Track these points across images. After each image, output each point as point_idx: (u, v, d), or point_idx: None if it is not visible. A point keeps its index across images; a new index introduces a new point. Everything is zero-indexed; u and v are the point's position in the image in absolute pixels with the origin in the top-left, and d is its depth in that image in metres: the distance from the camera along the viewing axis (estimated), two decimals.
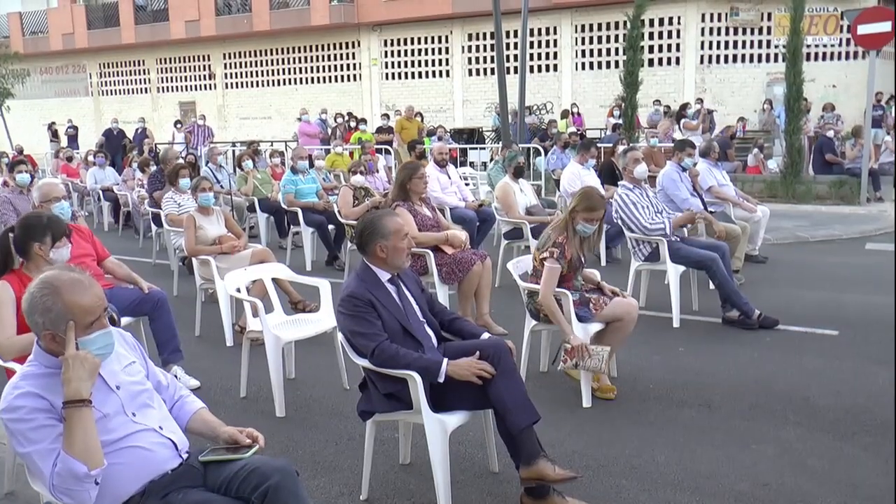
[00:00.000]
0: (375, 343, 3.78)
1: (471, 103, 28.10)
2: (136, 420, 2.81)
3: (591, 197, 5.26)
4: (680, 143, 8.94)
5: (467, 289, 6.72)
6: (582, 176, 9.96)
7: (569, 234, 5.25)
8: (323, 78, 30.50)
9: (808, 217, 13.23)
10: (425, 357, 3.81)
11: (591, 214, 5.21)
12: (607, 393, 5.18)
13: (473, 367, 3.73)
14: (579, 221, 5.23)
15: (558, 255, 5.17)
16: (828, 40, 24.07)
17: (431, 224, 7.00)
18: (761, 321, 6.80)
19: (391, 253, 3.98)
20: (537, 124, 23.15)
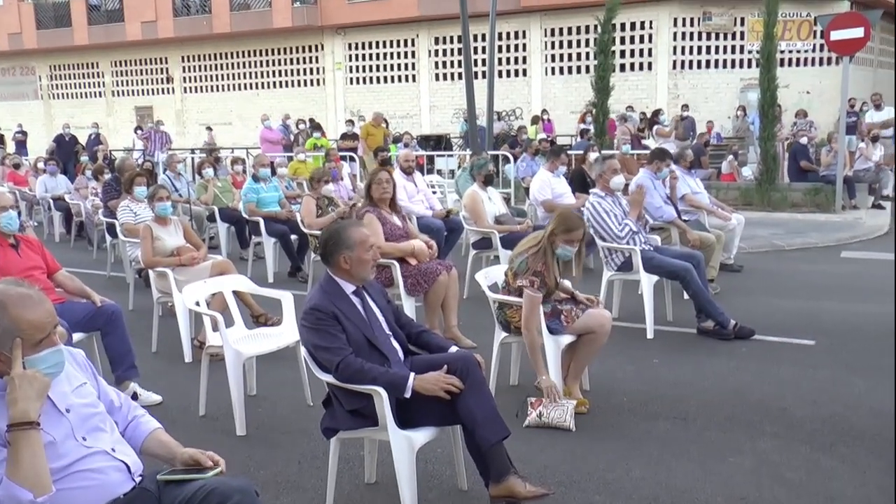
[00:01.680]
0: (340, 357, 3.76)
1: (438, 109, 28.17)
2: (86, 444, 2.73)
3: (569, 218, 5.22)
4: (659, 153, 9.01)
5: (434, 300, 6.72)
6: (552, 184, 10.01)
7: (548, 260, 5.18)
8: (285, 82, 30.41)
9: (783, 225, 13.41)
10: (391, 372, 3.80)
11: (571, 236, 5.16)
12: (580, 407, 5.20)
13: (441, 382, 3.73)
14: (559, 245, 5.18)
15: (539, 286, 5.11)
16: (801, 46, 24.46)
17: (401, 234, 6.99)
18: (737, 331, 6.86)
19: (355, 264, 3.97)
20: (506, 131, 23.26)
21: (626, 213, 7.26)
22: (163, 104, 32.35)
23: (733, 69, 24.97)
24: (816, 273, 9.83)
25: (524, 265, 5.21)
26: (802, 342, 6.77)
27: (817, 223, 13.60)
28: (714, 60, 25.06)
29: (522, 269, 5.21)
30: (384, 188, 7.06)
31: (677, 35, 25.11)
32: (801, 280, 9.44)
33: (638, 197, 7.27)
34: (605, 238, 7.18)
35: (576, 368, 5.36)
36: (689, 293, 7.00)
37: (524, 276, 5.16)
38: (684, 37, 25.11)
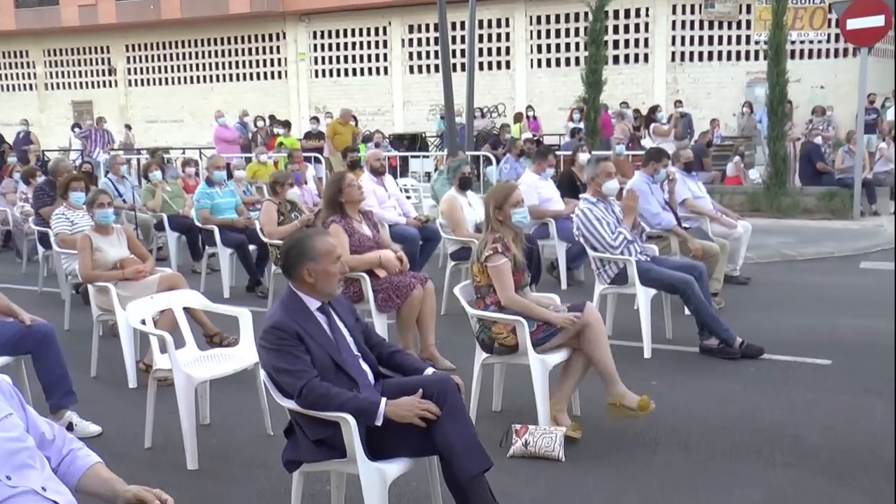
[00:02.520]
0: (303, 381, 3.76)
1: (412, 105, 28.24)
2: (11, 484, 2.67)
3: (497, 188, 5.76)
4: (655, 153, 9.07)
5: (408, 317, 6.72)
6: (538, 188, 10.05)
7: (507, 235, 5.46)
8: (243, 75, 30.38)
9: (795, 233, 13.52)
10: (360, 397, 3.81)
11: (512, 198, 5.51)
12: (573, 432, 5.21)
13: (416, 408, 3.73)
14: (509, 215, 5.47)
15: (502, 248, 5.35)
16: (814, 36, 24.69)
17: (372, 244, 6.99)
18: (744, 350, 6.92)
19: (321, 278, 3.98)
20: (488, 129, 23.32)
21: (619, 221, 7.30)
22: (104, 99, 32.21)
23: (738, 62, 25.20)
24: (832, 286, 9.92)
25: (481, 245, 5.47)
26: (817, 362, 6.82)
27: (833, 231, 13.73)
28: (717, 52, 25.29)
29: (480, 249, 5.45)
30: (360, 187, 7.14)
31: (676, 24, 25.35)
32: (814, 293, 9.52)
33: (631, 203, 7.31)
34: (596, 248, 7.22)
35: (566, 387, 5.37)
36: (690, 308, 7.04)
37: (485, 249, 5.38)
38: (684, 26, 25.34)
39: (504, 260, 5.33)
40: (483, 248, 5.41)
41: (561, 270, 9.94)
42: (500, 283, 5.34)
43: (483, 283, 5.44)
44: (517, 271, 5.43)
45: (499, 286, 5.34)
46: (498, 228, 5.48)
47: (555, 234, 9.86)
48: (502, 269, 5.33)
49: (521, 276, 5.48)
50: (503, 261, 5.33)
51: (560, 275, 9.94)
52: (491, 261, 5.34)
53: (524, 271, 5.52)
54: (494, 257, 5.34)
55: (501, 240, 5.39)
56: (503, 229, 5.48)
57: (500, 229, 5.47)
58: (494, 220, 5.52)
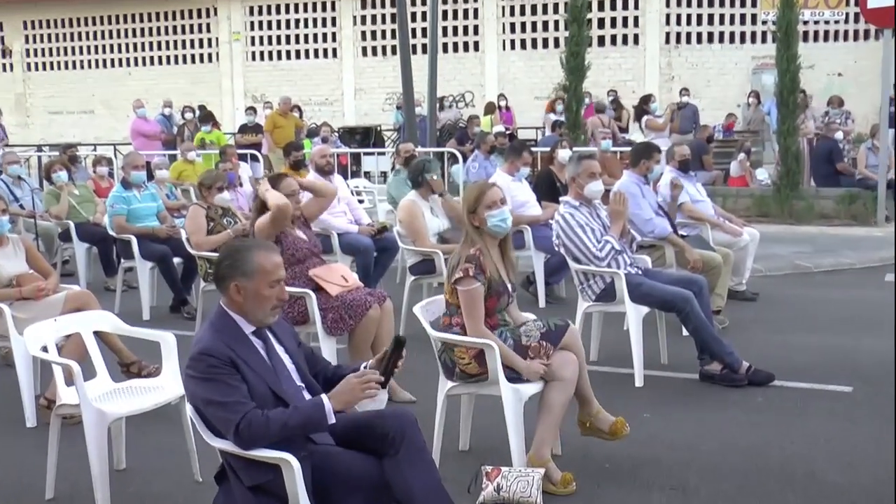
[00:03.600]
0: (239, 415, 3.73)
1: (366, 93, 28.23)
2: None
3: (478, 185, 5.70)
4: (643, 149, 9.13)
5: (361, 341, 6.70)
6: (511, 190, 10.03)
7: (483, 243, 5.40)
8: (166, 58, 30.21)
9: (809, 241, 13.67)
10: (299, 408, 3.83)
11: (489, 198, 5.44)
12: (565, 487, 5.16)
13: (358, 387, 3.82)
14: (485, 218, 5.40)
15: (475, 271, 5.27)
16: (830, 15, 24.98)
17: (309, 249, 7.02)
18: (751, 376, 6.97)
19: (250, 299, 3.95)
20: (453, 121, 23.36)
21: (606, 228, 7.33)
22: None
23: (743, 44, 25.46)
24: (853, 302, 10.03)
25: (454, 260, 5.42)
26: (836, 389, 6.89)
27: (854, 239, 13.88)
28: (718, 33, 25.53)
29: (452, 265, 5.39)
30: (295, 190, 7.15)
31: (671, 1, 25.54)
32: (833, 311, 9.62)
33: (620, 206, 7.31)
34: (579, 259, 7.23)
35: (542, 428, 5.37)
36: (688, 328, 7.09)
37: (457, 269, 5.33)
38: (680, 3, 25.57)
39: (476, 285, 5.27)
40: (455, 267, 5.36)
41: (538, 285, 9.97)
42: (468, 311, 5.29)
43: (452, 301, 5.42)
44: (491, 295, 5.37)
45: (466, 315, 5.30)
46: (476, 238, 5.42)
47: (531, 244, 9.89)
48: (473, 296, 5.28)
49: (497, 300, 5.42)
50: (475, 286, 5.27)
51: (537, 291, 9.97)
52: (461, 284, 5.29)
53: (503, 294, 5.45)
54: (465, 281, 5.27)
55: (476, 259, 5.31)
56: (483, 239, 5.43)
57: (479, 239, 5.42)
58: (470, 226, 5.46)
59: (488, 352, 5.18)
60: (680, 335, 7.64)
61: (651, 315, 7.41)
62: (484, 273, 5.31)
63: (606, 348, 7.72)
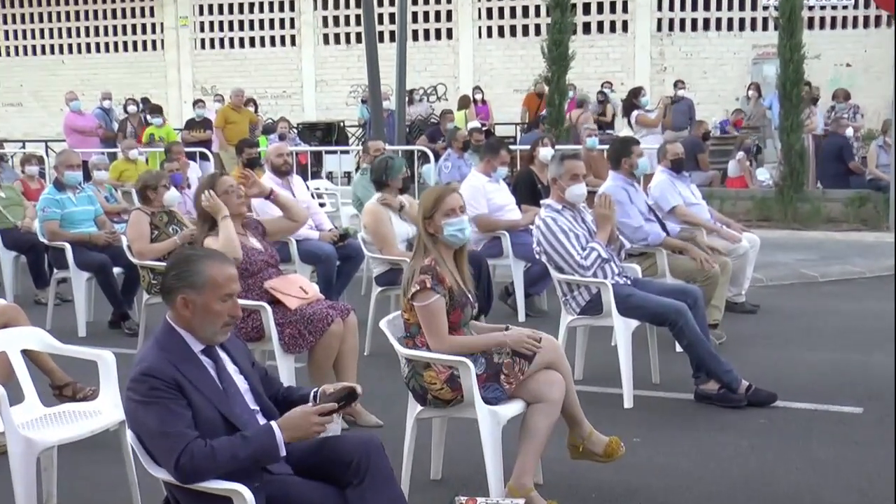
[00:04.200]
0: (181, 446, 3.70)
1: (328, 85, 28.21)
2: None
3: (436, 189, 5.76)
4: (619, 145, 9.14)
5: (323, 359, 6.68)
6: (487, 192, 10.08)
7: (438, 253, 5.40)
8: (105, 45, 30.06)
9: (815, 248, 13.74)
10: (248, 437, 3.80)
11: (447, 204, 5.42)
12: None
13: (310, 419, 3.81)
14: (441, 226, 5.38)
15: (433, 283, 5.27)
16: (838, 1, 25.11)
17: (266, 259, 6.99)
18: (751, 396, 6.98)
19: (199, 314, 3.93)
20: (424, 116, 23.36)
21: (592, 233, 7.35)
22: None
23: (742, 32, 25.57)
24: (863, 314, 10.08)
25: (408, 273, 5.41)
26: (844, 409, 6.92)
27: (863, 245, 13.97)
28: (715, 20, 25.63)
29: (406, 280, 5.39)
30: (240, 196, 7.09)
31: None
32: (840, 324, 9.67)
33: (606, 211, 7.31)
34: (562, 268, 7.24)
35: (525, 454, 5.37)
36: (682, 344, 7.11)
37: (411, 284, 5.32)
38: None
39: (435, 297, 5.25)
40: (410, 281, 5.35)
41: (518, 297, 9.98)
42: (429, 327, 5.28)
43: (412, 320, 5.40)
44: (454, 307, 5.36)
45: (428, 331, 5.29)
46: (430, 248, 5.43)
47: (509, 251, 9.90)
48: (433, 311, 5.26)
49: (460, 313, 5.41)
50: (434, 298, 5.24)
51: (517, 303, 9.98)
52: (418, 299, 5.27)
53: (466, 305, 5.46)
54: (422, 294, 5.25)
55: (432, 269, 5.30)
56: (437, 248, 5.43)
57: (433, 248, 5.42)
58: (424, 234, 5.45)
59: (462, 370, 5.17)
60: (673, 351, 7.67)
61: (641, 329, 7.42)
62: (443, 284, 5.31)
63: (592, 366, 7.74)
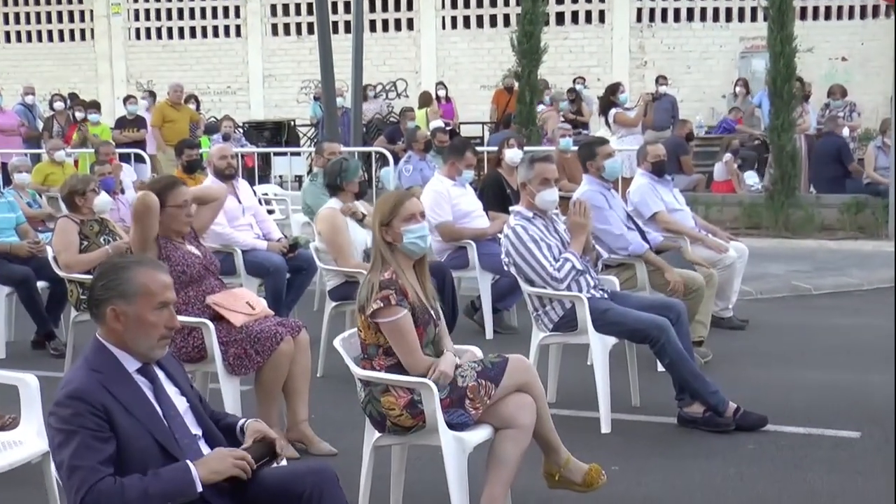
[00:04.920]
0: (89, 483, 3.66)
1: (277, 81, 28.15)
2: None
3: (394, 194, 5.84)
4: (586, 147, 9.16)
5: (271, 381, 6.65)
6: (452, 197, 10.09)
7: (396, 263, 5.40)
8: (27, 34, 29.88)
9: (809, 258, 13.84)
10: (161, 474, 3.77)
11: (407, 209, 5.44)
12: None
13: (229, 460, 3.82)
14: (400, 234, 5.39)
15: (397, 298, 5.26)
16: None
17: (204, 266, 6.96)
18: (740, 419, 7.01)
19: (132, 327, 3.90)
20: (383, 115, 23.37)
21: (566, 243, 7.37)
22: None
23: (729, 24, 25.72)
24: (860, 330, 10.14)
25: (366, 289, 5.37)
26: (841, 434, 6.96)
27: (861, 255, 14.05)
28: (700, 10, 25.77)
29: (364, 296, 5.35)
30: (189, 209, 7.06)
31: None
32: (836, 341, 9.72)
33: (581, 218, 7.33)
34: (533, 281, 7.24)
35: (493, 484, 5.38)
36: (664, 363, 7.11)
37: (371, 301, 5.28)
38: None
39: (402, 313, 5.25)
40: (368, 297, 5.32)
41: (485, 313, 9.99)
42: (401, 346, 5.28)
43: (370, 340, 5.39)
44: (417, 325, 5.36)
45: (400, 350, 5.28)
46: (388, 257, 5.42)
47: (476, 263, 9.91)
48: (402, 328, 5.26)
49: (424, 331, 5.41)
50: (402, 314, 5.24)
51: (484, 319, 10.00)
52: (381, 316, 5.26)
53: (429, 322, 5.46)
54: (385, 311, 5.24)
55: (393, 283, 5.30)
56: (396, 258, 5.43)
57: (392, 259, 5.42)
58: (381, 243, 5.44)
59: (424, 393, 5.17)
60: (654, 371, 7.70)
61: (620, 347, 7.45)
62: (406, 298, 5.32)
63: (566, 387, 7.76)
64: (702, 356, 8.29)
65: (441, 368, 5.24)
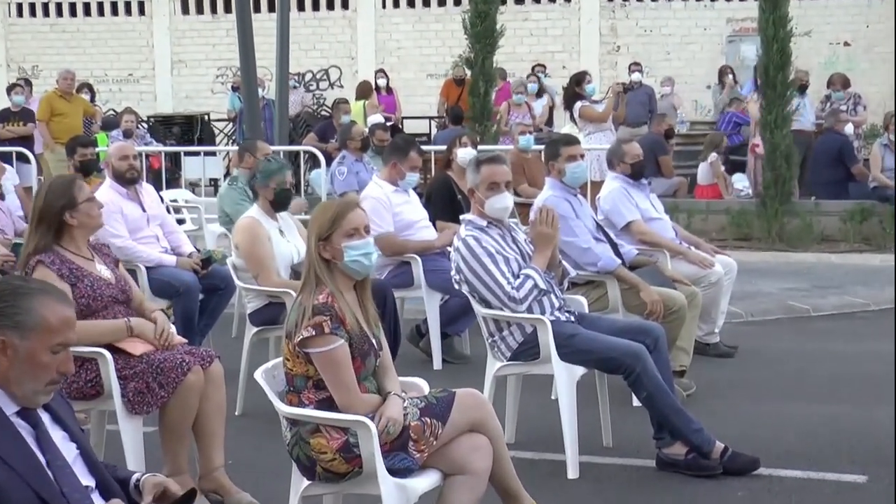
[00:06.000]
0: None
1: (188, 67, 28.11)
2: None
3: (335, 204, 5.81)
4: (547, 149, 9.17)
5: (178, 420, 6.60)
6: (393, 204, 10.08)
7: (334, 284, 5.39)
8: None
9: (807, 274, 13.96)
10: None
11: (349, 222, 5.43)
12: None
13: None
14: (341, 249, 5.38)
15: (333, 325, 5.25)
16: None
17: (113, 297, 6.88)
18: (727, 462, 7.01)
19: (21, 365, 3.84)
20: (313, 109, 23.34)
21: (527, 257, 7.37)
22: None
23: (714, 3, 25.90)
24: (865, 357, 10.17)
25: (296, 314, 5.35)
26: (844, 478, 6.99)
27: (867, 270, 14.18)
28: None
29: (294, 322, 5.33)
30: (94, 218, 6.98)
31: None
32: (838, 370, 9.77)
33: (545, 228, 7.31)
34: (488, 302, 7.23)
35: None
36: (640, 397, 7.12)
37: (302, 327, 5.26)
38: None
39: (337, 343, 5.23)
40: (298, 322, 5.31)
41: (432, 339, 9.98)
42: (335, 381, 5.25)
43: (297, 371, 5.37)
44: (355, 356, 5.34)
45: (334, 386, 5.25)
46: (324, 277, 5.40)
47: (421, 281, 9.91)
48: (337, 360, 5.23)
49: (362, 363, 5.40)
50: (337, 344, 5.23)
51: (431, 346, 9.99)
52: (313, 346, 5.24)
53: (369, 353, 5.45)
54: (317, 340, 5.23)
55: (329, 308, 5.27)
56: (333, 278, 5.42)
57: (329, 279, 5.40)
58: (318, 260, 5.42)
59: (361, 433, 5.15)
60: (629, 406, 7.72)
61: (589, 378, 7.46)
62: (343, 325, 5.30)
63: (527, 426, 7.76)
64: (684, 388, 8.33)
65: (388, 415, 5.22)
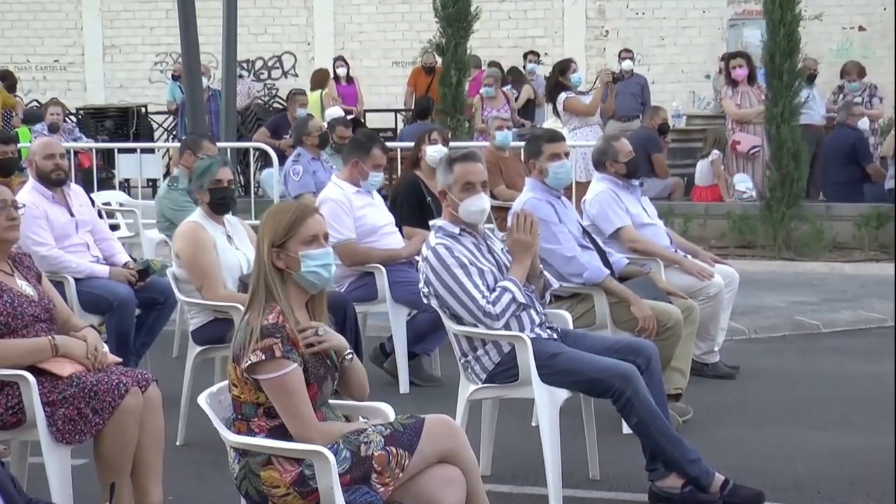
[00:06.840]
0: None
1: (122, 53, 28.07)
2: None
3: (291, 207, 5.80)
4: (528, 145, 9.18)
5: (114, 450, 6.58)
6: (355, 207, 10.07)
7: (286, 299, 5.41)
8: None
9: (817, 286, 14.03)
10: None
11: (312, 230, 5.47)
12: None
13: None
14: (296, 258, 5.40)
15: (285, 349, 5.25)
16: None
17: (35, 316, 6.87)
18: (728, 495, 7.02)
19: None
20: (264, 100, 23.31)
21: (504, 267, 7.39)
22: None
23: None
24: (882, 379, 10.09)
25: (243, 335, 5.35)
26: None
27: (884, 281, 14.11)
28: None
29: (240, 344, 5.33)
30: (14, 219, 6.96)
31: None
32: (851, 393, 9.81)
33: (524, 235, 7.30)
34: (461, 318, 7.21)
35: None
36: (630, 423, 7.12)
37: (249, 351, 5.26)
38: None
39: (289, 368, 5.23)
40: (245, 345, 5.31)
41: (398, 359, 9.98)
42: (287, 409, 5.25)
43: (246, 397, 5.37)
44: (310, 381, 5.36)
45: (287, 415, 5.26)
46: (276, 291, 5.40)
47: (386, 293, 9.92)
48: (289, 386, 5.23)
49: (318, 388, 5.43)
50: (287, 369, 5.22)
51: (397, 367, 10.00)
52: (262, 372, 5.24)
53: (325, 377, 5.48)
54: (267, 366, 5.22)
55: (279, 329, 5.28)
56: (286, 290, 5.43)
57: (281, 292, 5.41)
58: (270, 270, 5.42)
59: (318, 464, 5.15)
60: (619, 433, 7.74)
61: (574, 403, 7.48)
62: (296, 348, 5.31)
63: (505, 456, 7.78)
64: (680, 414, 8.36)
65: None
